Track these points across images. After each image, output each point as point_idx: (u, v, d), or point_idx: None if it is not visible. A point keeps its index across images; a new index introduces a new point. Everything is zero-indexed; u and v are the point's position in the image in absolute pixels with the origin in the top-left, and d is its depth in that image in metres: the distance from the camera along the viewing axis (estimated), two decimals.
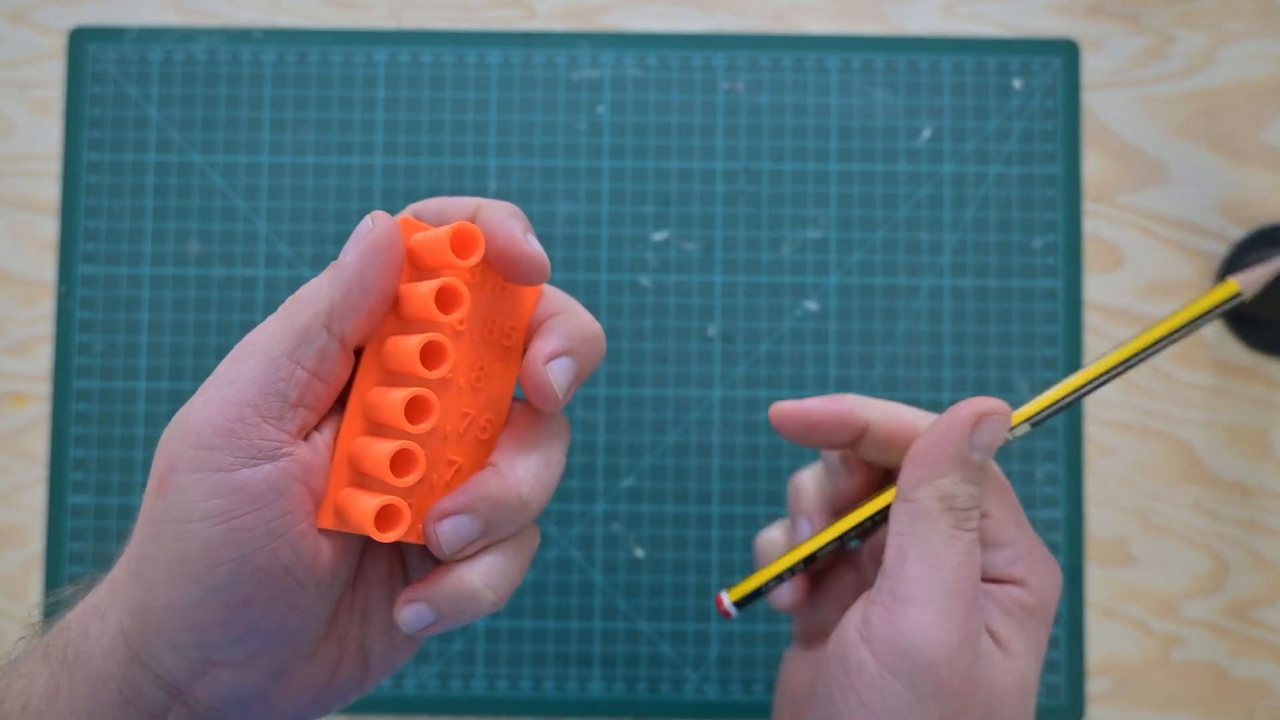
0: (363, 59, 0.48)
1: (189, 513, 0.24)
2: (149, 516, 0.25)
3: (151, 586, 0.25)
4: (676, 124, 0.48)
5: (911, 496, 0.29)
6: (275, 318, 0.26)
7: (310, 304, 0.26)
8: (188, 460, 0.24)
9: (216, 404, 0.25)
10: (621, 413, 0.46)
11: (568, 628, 0.45)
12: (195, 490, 0.24)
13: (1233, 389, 0.47)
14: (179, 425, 0.25)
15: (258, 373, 0.25)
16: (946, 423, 0.29)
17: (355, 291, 0.26)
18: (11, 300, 0.47)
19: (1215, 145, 0.48)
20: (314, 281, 0.26)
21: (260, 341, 0.25)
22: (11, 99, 0.48)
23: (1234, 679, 0.46)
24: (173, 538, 0.24)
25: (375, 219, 0.26)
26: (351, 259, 0.26)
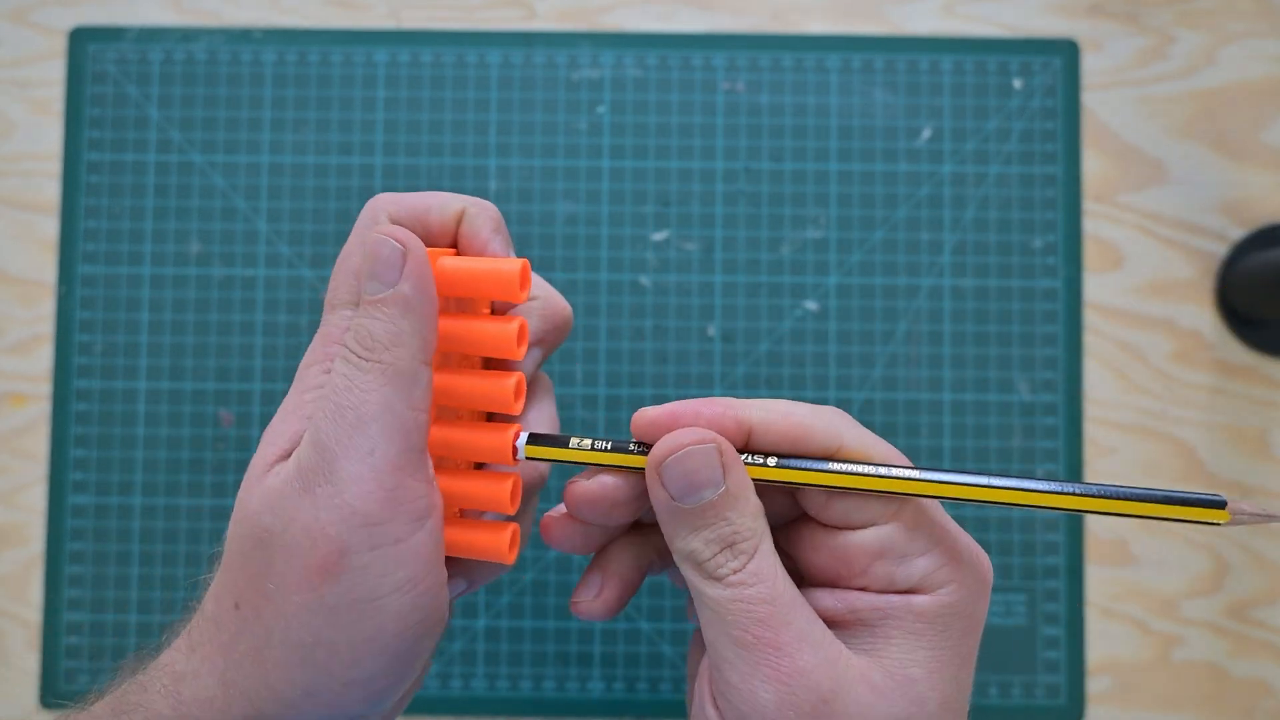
0: (363, 59, 0.48)
1: (376, 590, 0.24)
2: (309, 604, 0.24)
3: (325, 671, 0.24)
4: (676, 124, 0.48)
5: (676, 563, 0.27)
6: (365, 374, 0.25)
7: (401, 346, 0.25)
8: (360, 540, 0.24)
9: (370, 479, 0.24)
10: (622, 412, 0.46)
11: (568, 628, 0.45)
12: (379, 567, 0.24)
13: (1233, 389, 0.47)
14: (329, 508, 0.24)
15: (392, 433, 0.24)
16: (649, 474, 0.26)
17: (431, 319, 0.26)
18: (11, 300, 0.47)
19: (1215, 145, 0.48)
20: (374, 326, 0.25)
21: (373, 401, 0.24)
22: (11, 99, 0.48)
23: (1234, 679, 0.46)
24: (359, 618, 0.24)
25: (402, 240, 0.25)
26: (412, 288, 0.25)
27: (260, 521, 0.25)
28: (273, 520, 0.24)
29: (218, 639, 0.25)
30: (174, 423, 0.46)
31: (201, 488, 0.46)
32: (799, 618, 0.25)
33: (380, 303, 0.25)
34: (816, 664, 0.25)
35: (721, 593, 0.25)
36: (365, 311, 0.25)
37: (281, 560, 0.24)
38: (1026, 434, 0.46)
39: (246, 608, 0.25)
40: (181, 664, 0.26)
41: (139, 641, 0.45)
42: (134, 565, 0.46)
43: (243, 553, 0.25)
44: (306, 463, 0.24)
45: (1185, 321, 0.47)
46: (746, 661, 0.25)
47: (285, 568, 0.24)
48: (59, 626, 0.45)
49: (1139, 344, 0.47)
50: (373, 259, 0.25)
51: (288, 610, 0.24)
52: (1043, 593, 0.46)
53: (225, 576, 0.26)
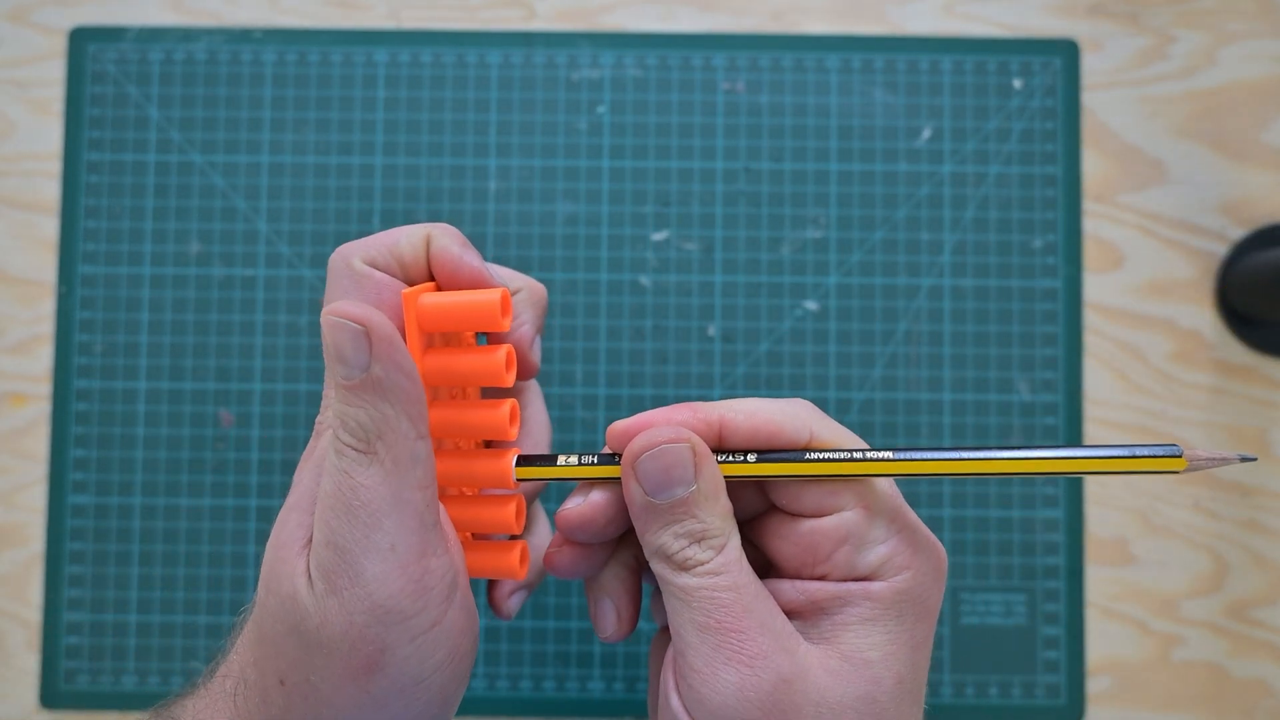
0: (363, 59, 0.48)
1: (420, 675, 0.25)
2: (356, 695, 0.24)
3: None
4: (676, 124, 0.48)
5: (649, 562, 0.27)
6: (366, 467, 0.24)
7: (393, 431, 0.24)
8: (398, 636, 0.24)
9: (397, 574, 0.24)
10: (622, 413, 0.46)
11: (568, 628, 0.45)
12: (419, 655, 0.25)
13: (1233, 389, 0.47)
14: (363, 610, 0.24)
15: (406, 525, 0.24)
16: (624, 472, 0.27)
17: (415, 393, 0.25)
18: (12, 300, 0.47)
19: (1215, 145, 0.48)
20: (360, 415, 0.24)
21: (380, 495, 0.24)
22: (11, 99, 0.48)
23: (1234, 679, 0.46)
24: (407, 701, 0.25)
25: (360, 319, 0.24)
26: (384, 369, 0.24)
27: (295, 611, 0.24)
28: (306, 615, 0.24)
29: (268, 712, 0.25)
30: (174, 423, 0.46)
31: (201, 488, 0.46)
32: (761, 607, 0.26)
33: (358, 389, 0.24)
34: (777, 649, 0.25)
35: (688, 581, 0.26)
36: (345, 399, 0.24)
37: (321, 658, 0.24)
38: (1026, 434, 0.46)
39: (292, 687, 0.25)
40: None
41: (139, 642, 0.45)
42: (134, 565, 0.46)
43: (280, 635, 0.25)
44: (327, 565, 0.24)
45: (1185, 321, 0.47)
46: (710, 645, 0.25)
47: (326, 665, 0.24)
48: (59, 626, 0.45)
49: (1139, 344, 0.47)
50: (336, 347, 0.24)
51: (337, 702, 0.25)
52: (1043, 593, 0.46)
53: (264, 650, 0.25)
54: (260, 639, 0.26)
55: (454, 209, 0.47)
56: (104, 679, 0.45)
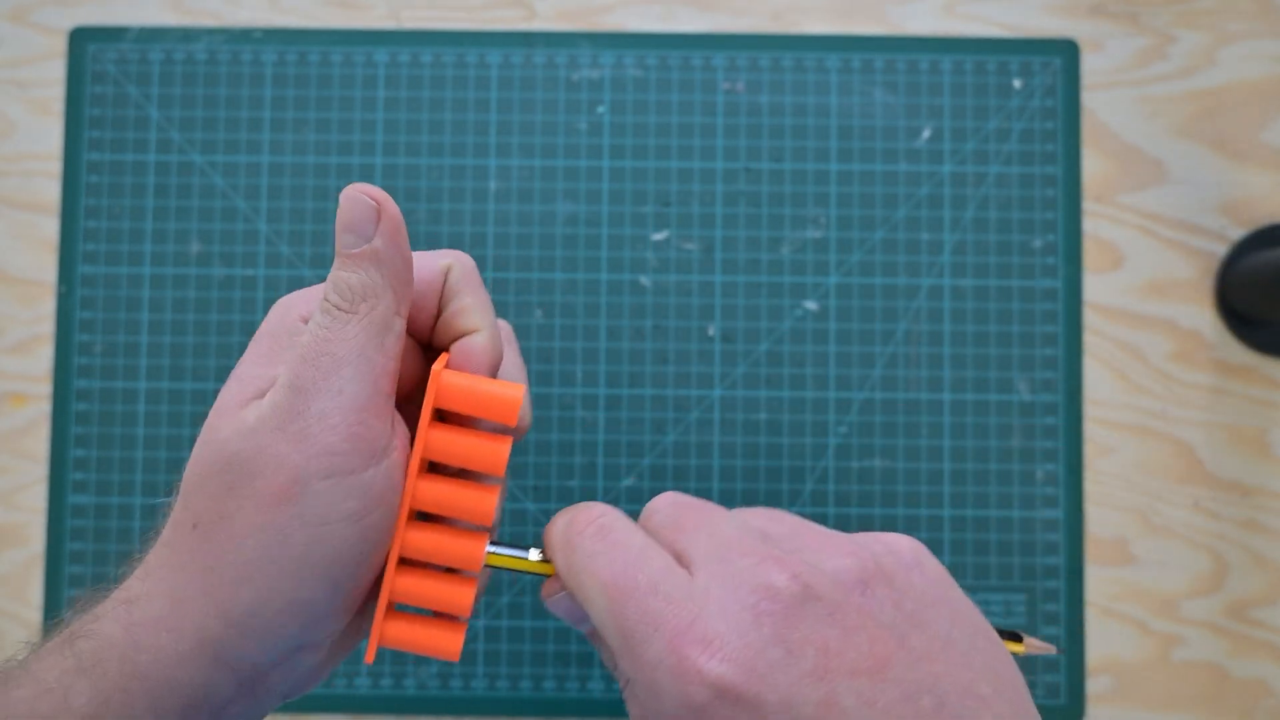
0: (363, 59, 0.48)
1: (327, 515, 0.26)
2: (264, 524, 0.26)
3: (266, 591, 0.26)
4: (676, 124, 0.48)
5: None
6: (343, 322, 0.27)
7: (377, 297, 0.27)
8: (318, 468, 0.26)
9: (336, 415, 0.26)
10: (621, 413, 0.46)
11: (568, 628, 0.45)
12: (331, 495, 0.26)
13: (1233, 389, 0.47)
14: (294, 440, 0.26)
15: (361, 376, 0.26)
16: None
17: (404, 271, 0.27)
18: (11, 300, 0.47)
19: (1215, 145, 0.48)
20: (352, 279, 0.27)
21: (350, 348, 0.26)
22: (11, 99, 0.48)
23: (1234, 679, 0.46)
24: (308, 541, 0.26)
25: (375, 197, 0.27)
26: (385, 243, 0.27)
27: (229, 448, 0.26)
28: (242, 447, 0.26)
29: (171, 560, 0.27)
30: (174, 423, 0.46)
31: None
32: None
33: (356, 257, 0.27)
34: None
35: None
36: (343, 264, 0.27)
37: (244, 483, 0.26)
38: (1026, 434, 0.46)
39: (203, 527, 0.26)
40: (135, 589, 0.27)
41: None
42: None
43: (206, 476, 0.27)
44: (282, 403, 0.26)
45: (1185, 321, 0.47)
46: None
47: (247, 489, 0.26)
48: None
49: (1139, 344, 0.47)
50: (349, 215, 0.27)
51: (242, 530, 0.26)
52: (1043, 593, 0.46)
53: (183, 501, 0.27)
54: (184, 492, 0.27)
55: (454, 209, 0.47)
56: None
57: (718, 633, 0.24)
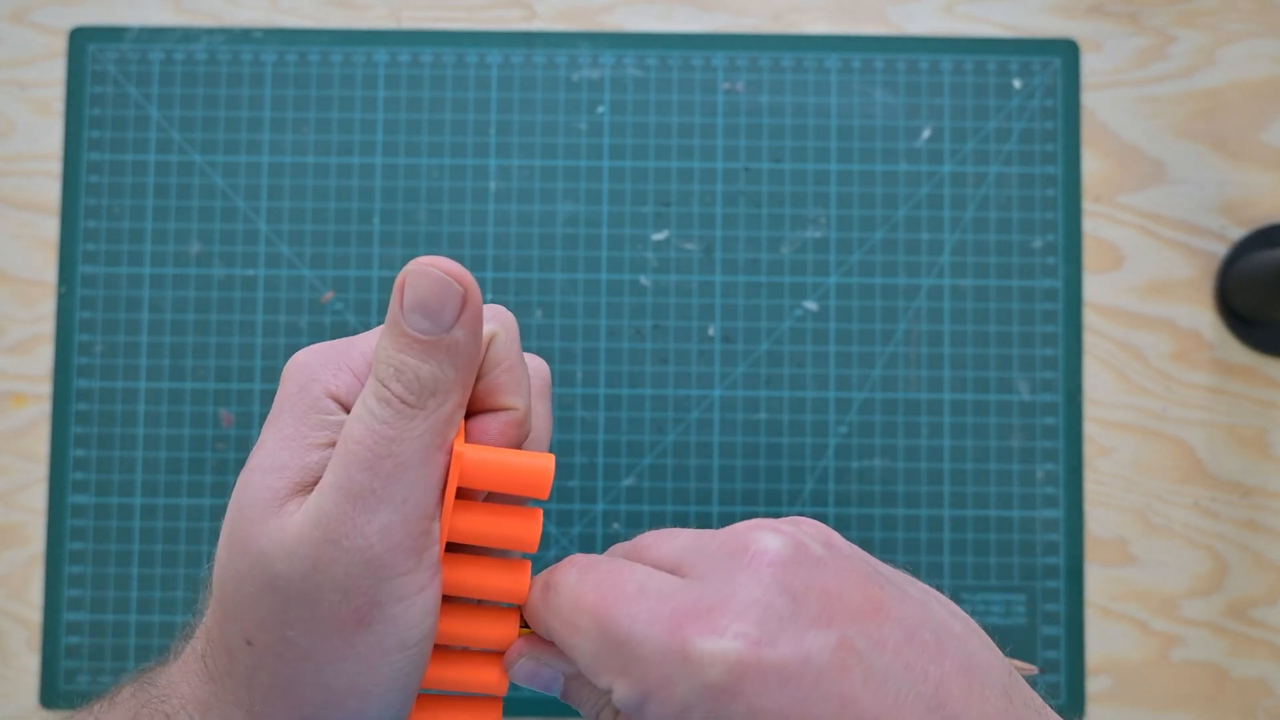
0: (363, 59, 0.48)
1: (407, 640, 0.24)
2: (344, 655, 0.24)
3: (359, 710, 0.25)
4: (676, 124, 0.48)
5: None
6: (407, 419, 0.24)
7: (446, 393, 0.24)
8: (390, 594, 0.24)
9: (400, 530, 0.24)
10: (621, 413, 0.46)
11: None
12: (408, 618, 0.24)
13: (1233, 389, 0.47)
14: (359, 561, 0.23)
15: (426, 481, 0.24)
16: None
17: (476, 365, 0.25)
18: (11, 300, 0.47)
19: (1215, 145, 0.48)
20: (421, 369, 0.24)
21: (413, 450, 0.24)
22: (11, 99, 0.48)
23: (1234, 679, 0.46)
24: (392, 666, 0.24)
25: (462, 281, 0.24)
26: (467, 337, 0.24)
27: (274, 568, 0.24)
28: (289, 569, 0.23)
29: (236, 672, 0.25)
30: (174, 423, 0.46)
31: (201, 488, 0.46)
32: None
33: (431, 346, 0.24)
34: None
35: None
36: (410, 350, 0.24)
37: (304, 611, 0.23)
38: (1026, 434, 0.46)
39: (262, 646, 0.24)
40: (204, 693, 0.25)
41: (139, 641, 0.45)
42: (134, 565, 0.46)
43: (247, 597, 0.24)
44: (332, 512, 0.23)
45: (1185, 321, 0.47)
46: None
47: (309, 618, 0.24)
48: (59, 626, 0.45)
49: (1139, 344, 0.47)
50: (424, 295, 0.24)
51: (318, 657, 0.24)
52: (1043, 593, 0.46)
53: (228, 614, 0.25)
54: (222, 602, 0.25)
55: (454, 209, 0.47)
56: (104, 679, 0.45)
57: (717, 604, 0.23)
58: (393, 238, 0.47)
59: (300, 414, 0.25)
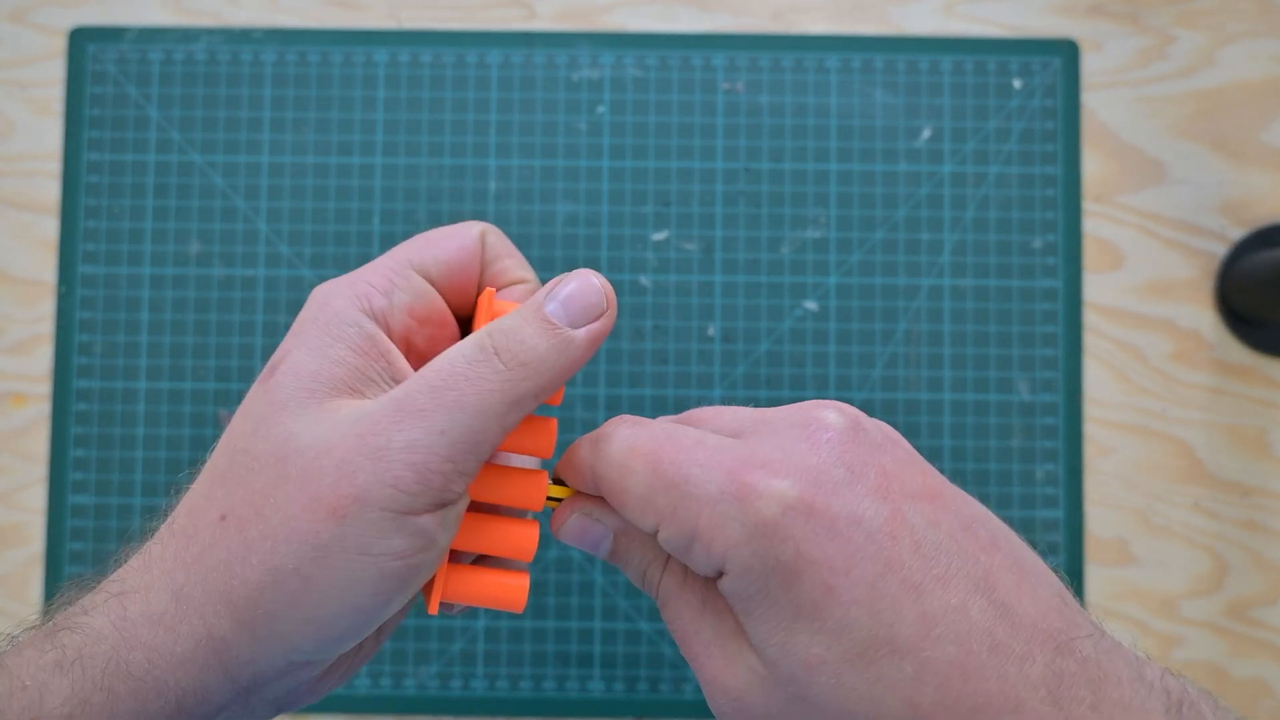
0: (363, 59, 0.48)
1: (369, 546, 0.24)
2: (304, 535, 0.24)
3: (289, 599, 0.24)
4: (676, 124, 0.48)
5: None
6: (492, 372, 0.25)
7: (536, 376, 0.25)
8: (380, 498, 0.24)
9: (423, 453, 0.24)
10: (621, 412, 0.46)
11: (568, 628, 0.45)
12: (381, 527, 0.24)
13: (1233, 389, 0.47)
14: (366, 457, 0.24)
15: (472, 433, 0.24)
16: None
17: (571, 373, 0.26)
18: (11, 300, 0.47)
19: (1215, 145, 0.48)
20: (532, 341, 0.25)
21: (479, 399, 0.24)
22: (11, 99, 0.48)
23: (1234, 679, 0.46)
24: (345, 566, 0.24)
25: (609, 296, 0.26)
26: (585, 341, 0.25)
27: (299, 444, 0.24)
28: (315, 448, 0.24)
29: (184, 553, 0.25)
30: (174, 423, 0.46)
31: None
32: (705, 626, 0.26)
33: (554, 330, 0.25)
34: (722, 668, 0.25)
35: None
36: (534, 324, 0.25)
37: (296, 484, 0.24)
38: (1026, 434, 0.46)
39: (233, 520, 0.25)
40: (133, 580, 0.25)
41: None
42: None
43: (252, 467, 0.25)
44: (375, 414, 0.24)
45: (1185, 321, 0.47)
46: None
47: (297, 491, 0.24)
48: None
49: (1139, 344, 0.47)
50: (576, 293, 0.26)
51: (279, 532, 0.24)
52: None
53: (214, 490, 0.25)
54: (219, 478, 0.25)
55: (454, 209, 0.47)
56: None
57: (778, 458, 0.24)
58: (392, 238, 0.47)
59: (323, 326, 0.26)
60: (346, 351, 0.26)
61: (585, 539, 0.27)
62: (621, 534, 0.27)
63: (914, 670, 0.22)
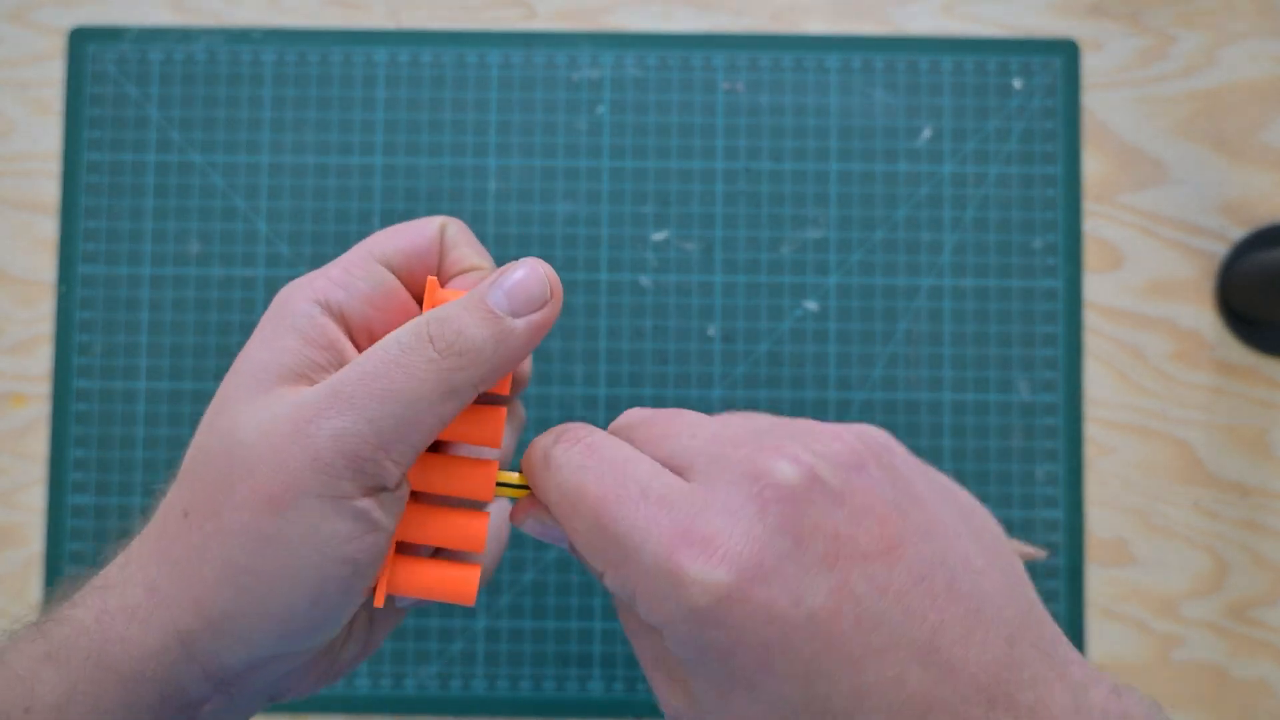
0: (363, 59, 0.48)
1: (311, 534, 0.24)
2: (250, 528, 0.24)
3: (245, 595, 0.25)
4: (676, 124, 0.48)
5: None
6: (424, 360, 0.24)
7: (473, 365, 0.25)
8: (313, 485, 0.24)
9: (353, 440, 0.24)
10: (621, 413, 0.46)
11: (568, 628, 0.45)
12: (320, 513, 0.24)
13: (1233, 389, 0.47)
14: (297, 444, 0.24)
15: (404, 423, 0.24)
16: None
17: (512, 365, 0.25)
18: (11, 300, 0.47)
19: (1215, 145, 0.48)
20: (470, 331, 0.25)
21: (410, 386, 0.24)
22: (11, 99, 0.48)
23: (1234, 679, 0.46)
24: (287, 555, 0.24)
25: (553, 288, 0.25)
26: (525, 333, 0.25)
27: (239, 434, 0.25)
28: (251, 437, 0.24)
29: (155, 547, 0.26)
30: (174, 423, 0.46)
31: None
32: (651, 645, 0.26)
33: (491, 318, 0.25)
34: (665, 686, 0.25)
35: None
36: (472, 311, 0.25)
37: (240, 478, 0.24)
38: (1026, 434, 0.46)
39: (194, 516, 0.25)
40: (113, 575, 0.26)
41: None
42: None
43: (206, 461, 0.25)
44: (309, 401, 0.24)
45: (1185, 321, 0.47)
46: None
47: (241, 486, 0.24)
48: None
49: (1139, 344, 0.47)
50: (520, 282, 0.25)
51: (229, 526, 0.24)
52: (1043, 592, 0.46)
53: (179, 485, 0.26)
54: (181, 477, 0.26)
55: (454, 209, 0.47)
56: None
57: (717, 530, 0.23)
58: None
59: (276, 319, 0.26)
60: (295, 340, 0.26)
61: (544, 536, 0.28)
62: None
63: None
